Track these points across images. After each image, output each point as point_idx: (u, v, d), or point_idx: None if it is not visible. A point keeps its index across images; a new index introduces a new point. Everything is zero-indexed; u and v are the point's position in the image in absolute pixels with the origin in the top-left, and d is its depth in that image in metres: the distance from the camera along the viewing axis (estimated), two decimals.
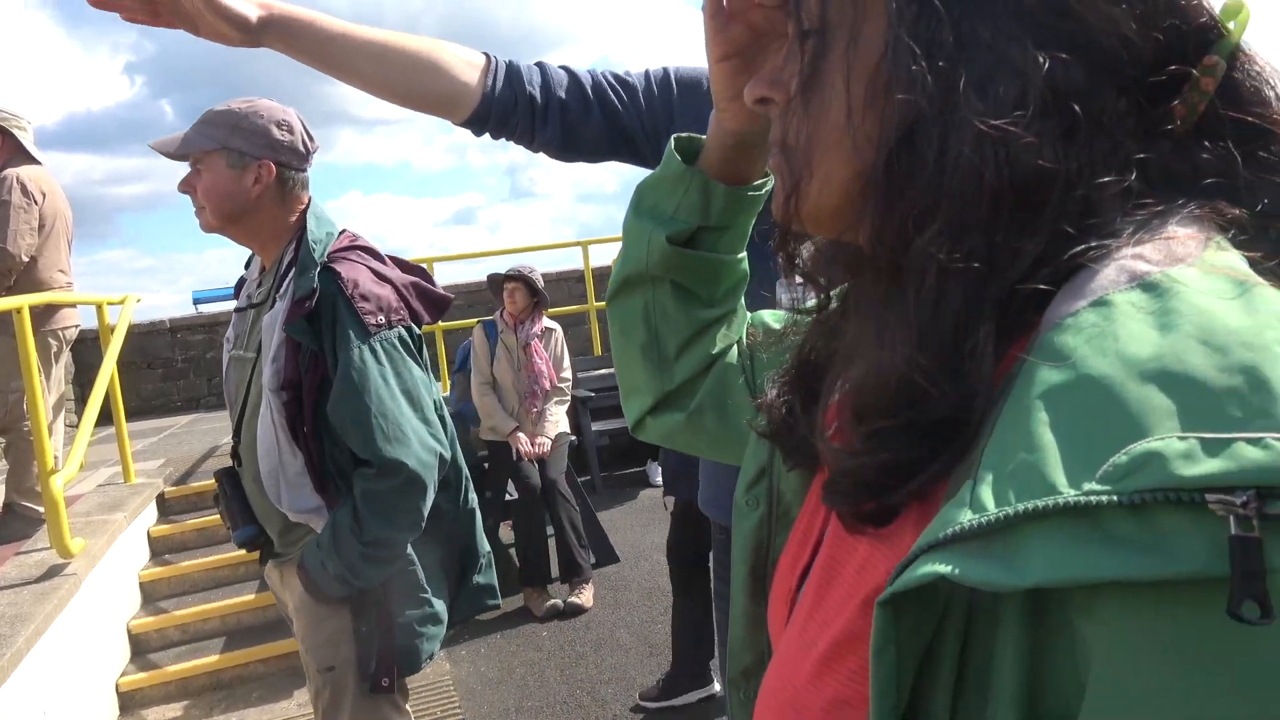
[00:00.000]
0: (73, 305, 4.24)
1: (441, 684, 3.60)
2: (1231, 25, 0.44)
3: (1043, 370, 0.37)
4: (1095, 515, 0.32)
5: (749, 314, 0.82)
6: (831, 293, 0.59)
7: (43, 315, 3.89)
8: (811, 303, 0.62)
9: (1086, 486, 0.33)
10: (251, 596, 4.13)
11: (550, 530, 4.36)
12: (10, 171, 3.90)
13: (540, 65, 1.24)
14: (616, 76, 1.29)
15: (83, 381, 7.16)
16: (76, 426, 3.83)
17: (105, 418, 4.71)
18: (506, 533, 4.67)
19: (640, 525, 5.37)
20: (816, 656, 0.47)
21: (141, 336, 8.86)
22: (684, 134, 0.77)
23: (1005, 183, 0.41)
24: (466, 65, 1.17)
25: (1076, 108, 0.41)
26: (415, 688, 3.48)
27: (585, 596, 4.19)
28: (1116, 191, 0.42)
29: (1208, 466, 0.31)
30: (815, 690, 0.47)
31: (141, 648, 3.95)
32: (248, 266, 1.96)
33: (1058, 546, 0.33)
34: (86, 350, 7.62)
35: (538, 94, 1.22)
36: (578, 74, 1.26)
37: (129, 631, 3.92)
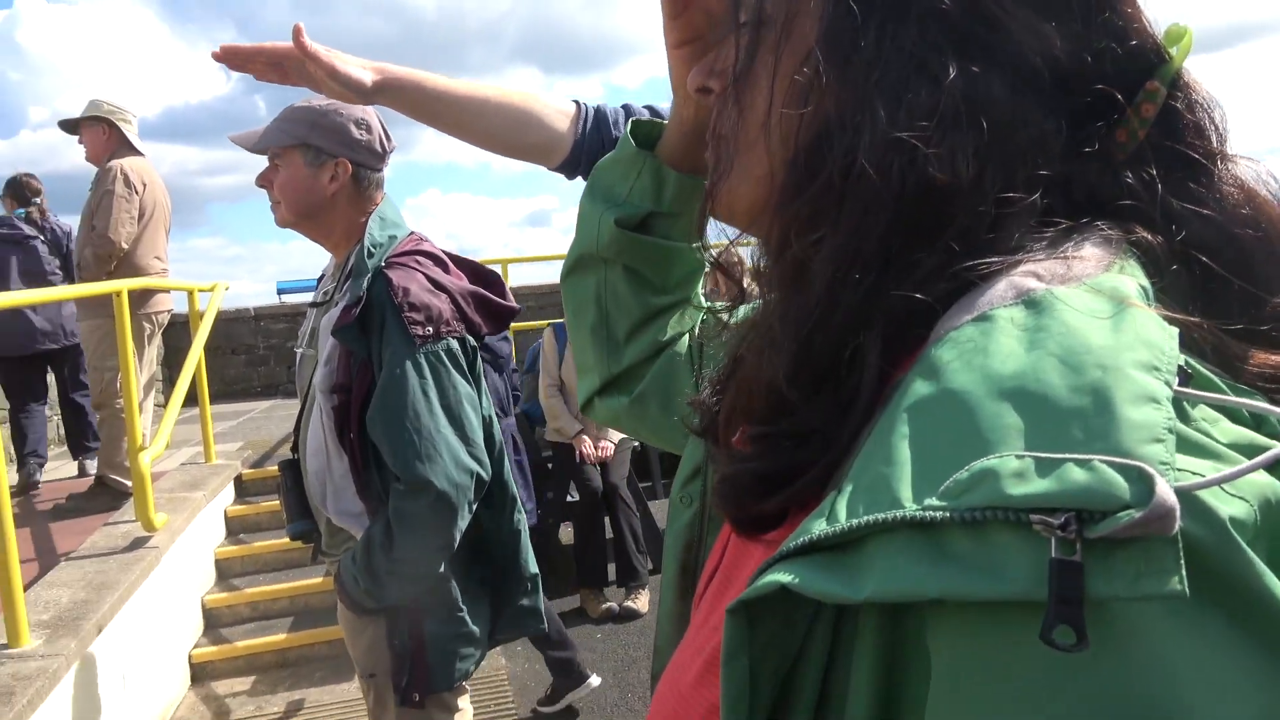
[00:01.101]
0: (167, 291, 4.46)
1: (497, 679, 3.65)
2: (1174, 51, 0.43)
3: (915, 383, 0.36)
4: (936, 531, 0.31)
5: (705, 304, 0.80)
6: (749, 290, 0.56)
7: (139, 299, 4.09)
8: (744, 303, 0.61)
9: (928, 501, 0.32)
10: (319, 579, 4.27)
11: (609, 534, 4.38)
12: (115, 163, 4.12)
13: (626, 108, 1.26)
14: None
15: (171, 364, 7.48)
16: (164, 406, 4.01)
17: (190, 399, 4.94)
18: (566, 534, 4.71)
19: None
20: (702, 662, 0.46)
21: (227, 323, 9.24)
22: (644, 119, 0.76)
23: (907, 192, 0.40)
24: (559, 114, 1.21)
25: (985, 122, 0.40)
26: (471, 682, 3.55)
27: (641, 602, 4.21)
28: (1025, 209, 0.40)
29: (1034, 486, 0.30)
30: (697, 695, 0.46)
31: (214, 622, 4.12)
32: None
33: (895, 561, 0.32)
34: (175, 334, 7.97)
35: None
36: (660, 112, 1.27)
37: (203, 606, 4.10)
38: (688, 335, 0.80)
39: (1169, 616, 0.29)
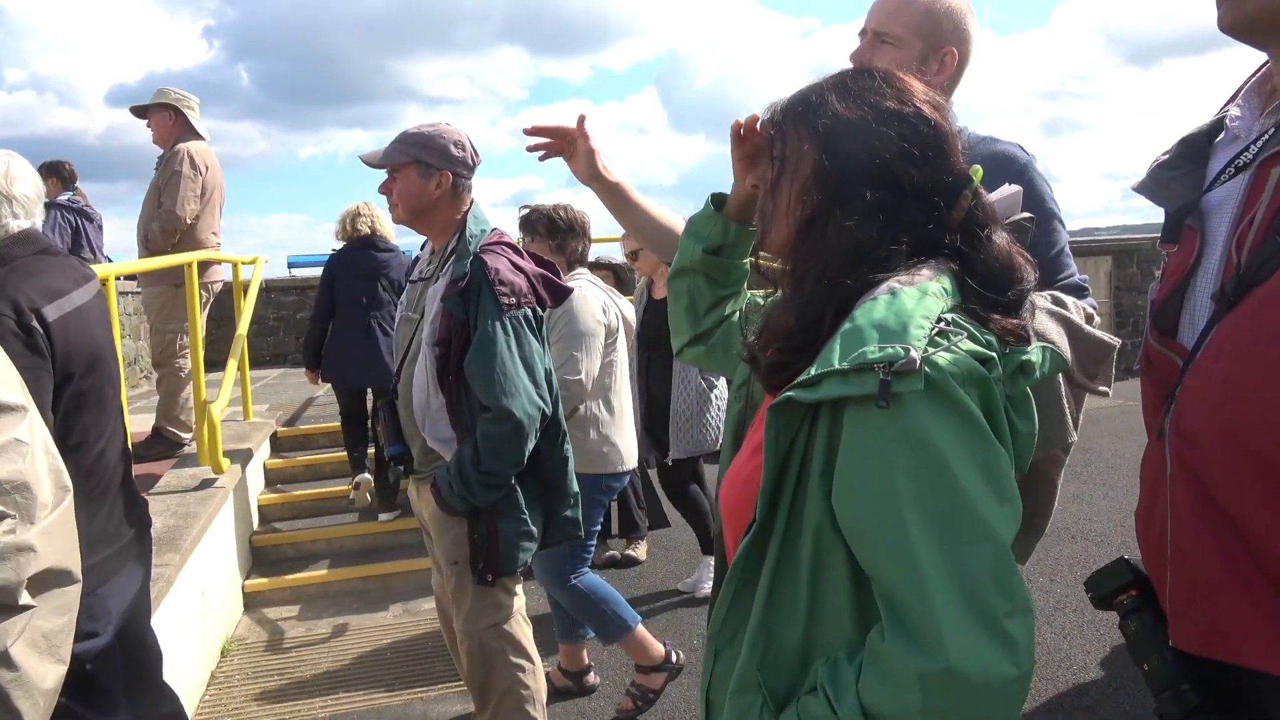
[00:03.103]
0: (219, 263, 4.94)
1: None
2: (975, 177, 1.00)
3: (846, 324, 0.92)
4: (845, 373, 0.86)
5: (748, 294, 1.40)
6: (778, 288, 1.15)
7: (199, 270, 4.57)
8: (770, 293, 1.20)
9: (843, 364, 0.87)
10: (353, 524, 4.80)
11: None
12: (182, 146, 4.59)
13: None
14: None
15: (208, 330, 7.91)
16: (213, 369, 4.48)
17: (218, 364, 5.41)
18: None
19: None
20: (750, 449, 1.04)
21: (231, 294, 9.66)
22: (719, 193, 1.35)
23: (846, 247, 0.97)
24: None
25: (882, 215, 0.96)
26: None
27: (640, 551, 4.76)
28: (900, 253, 0.96)
29: (875, 356, 0.85)
30: (748, 466, 1.03)
31: (261, 559, 4.64)
32: (422, 249, 2.53)
33: (831, 384, 0.87)
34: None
35: None
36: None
37: (251, 544, 4.61)
38: (738, 312, 1.38)
39: (922, 400, 0.85)
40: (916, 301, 0.91)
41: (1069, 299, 1.50)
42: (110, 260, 6.40)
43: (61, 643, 1.07)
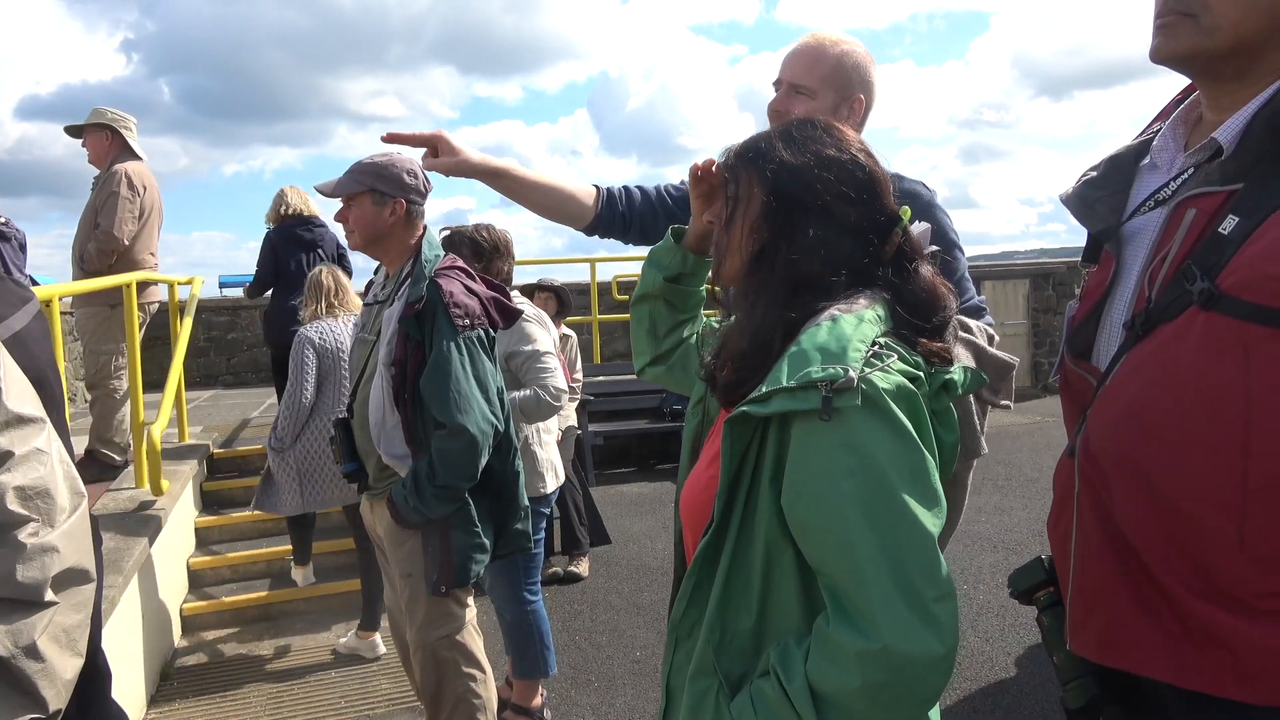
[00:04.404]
0: (155, 284, 4.90)
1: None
2: (905, 215, 1.15)
3: (793, 347, 1.05)
4: (792, 390, 1.00)
5: (703, 318, 1.55)
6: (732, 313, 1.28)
7: (136, 290, 4.53)
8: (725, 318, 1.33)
9: (791, 382, 1.00)
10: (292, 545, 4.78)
11: (555, 510, 5.00)
12: (120, 166, 4.56)
13: (625, 187, 1.96)
14: (678, 185, 1.99)
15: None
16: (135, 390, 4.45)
17: (157, 384, 5.36)
18: None
19: (627, 515, 6.04)
20: (708, 459, 1.17)
21: (165, 314, 9.47)
22: (679, 226, 1.49)
23: (794, 279, 1.10)
24: (586, 195, 1.92)
25: (823, 250, 1.10)
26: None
27: (583, 567, 4.85)
28: (839, 284, 1.10)
29: (819, 375, 0.98)
30: (706, 474, 1.15)
31: (198, 582, 4.59)
32: (376, 273, 2.62)
33: (780, 400, 1.00)
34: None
35: (624, 210, 1.95)
36: (650, 191, 1.97)
37: (188, 567, 4.56)
38: (695, 335, 1.52)
39: (859, 413, 0.99)
40: (854, 327, 1.05)
41: (972, 323, 1.69)
42: (35, 282, 6.25)
43: (79, 637, 1.14)
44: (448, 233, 3.22)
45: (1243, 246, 1.09)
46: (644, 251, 1.63)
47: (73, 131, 4.67)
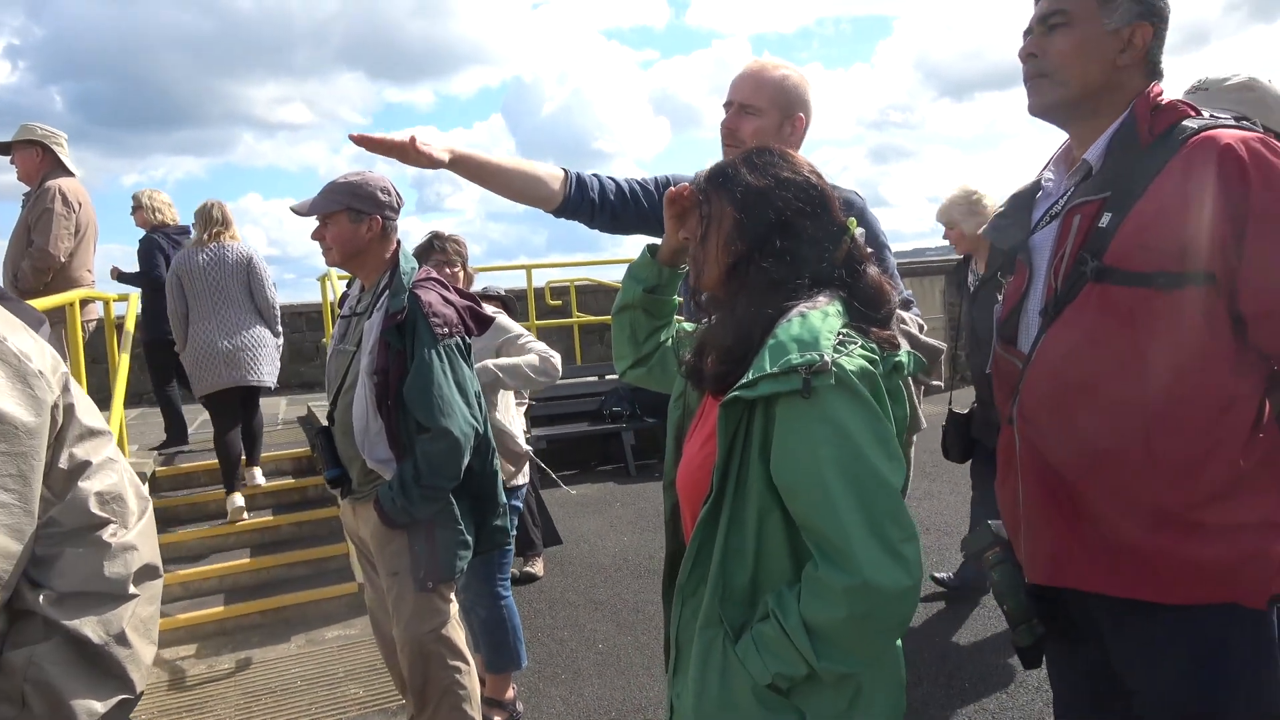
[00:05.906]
0: (93, 301, 4.82)
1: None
2: (850, 227, 1.35)
3: (770, 340, 1.24)
4: (775, 375, 1.20)
5: (678, 322, 1.72)
6: (710, 315, 1.45)
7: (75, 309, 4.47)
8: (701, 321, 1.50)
9: (774, 368, 1.20)
10: (246, 560, 4.76)
11: None
12: (52, 183, 4.49)
13: (596, 175, 2.10)
14: (640, 180, 2.14)
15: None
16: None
17: (99, 405, 5.26)
18: None
19: (574, 516, 6.18)
20: (701, 439, 1.34)
21: (98, 333, 9.18)
22: (655, 243, 1.66)
23: (766, 282, 1.29)
24: (553, 178, 2.04)
25: (789, 258, 1.29)
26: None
27: (538, 567, 4.96)
28: (804, 285, 1.30)
29: (800, 360, 1.19)
30: (701, 454, 1.33)
31: None
32: (349, 286, 2.70)
33: (766, 384, 1.21)
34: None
35: (596, 196, 2.07)
36: (618, 180, 2.11)
37: None
38: (671, 339, 1.69)
39: (833, 391, 1.18)
40: (821, 320, 1.25)
41: (904, 314, 1.95)
42: None
43: (153, 627, 1.23)
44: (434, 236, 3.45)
45: (1116, 233, 1.44)
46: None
47: (1, 148, 4.57)
